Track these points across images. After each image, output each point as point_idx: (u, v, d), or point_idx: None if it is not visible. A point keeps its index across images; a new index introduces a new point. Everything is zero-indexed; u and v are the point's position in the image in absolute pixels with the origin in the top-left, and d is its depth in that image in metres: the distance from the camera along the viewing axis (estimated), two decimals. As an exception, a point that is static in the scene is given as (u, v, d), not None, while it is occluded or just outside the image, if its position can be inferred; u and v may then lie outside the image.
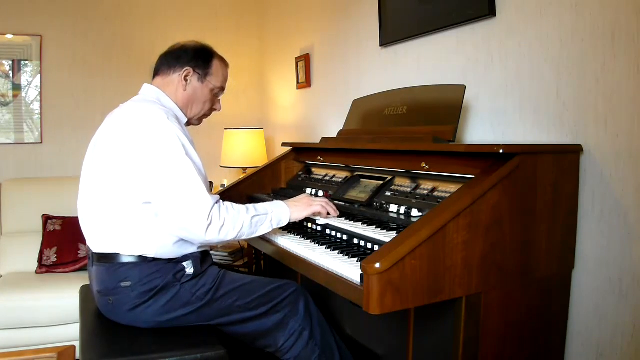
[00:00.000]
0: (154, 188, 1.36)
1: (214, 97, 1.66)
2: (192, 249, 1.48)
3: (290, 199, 1.60)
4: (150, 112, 1.42)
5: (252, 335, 1.53)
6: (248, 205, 1.47)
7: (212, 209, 1.35)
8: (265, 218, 1.47)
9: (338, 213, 1.63)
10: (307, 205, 1.57)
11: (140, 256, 1.41)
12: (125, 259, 1.41)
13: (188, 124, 1.65)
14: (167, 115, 1.42)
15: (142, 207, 1.39)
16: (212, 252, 1.60)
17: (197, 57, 1.58)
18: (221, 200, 1.42)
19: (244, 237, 1.45)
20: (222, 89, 1.67)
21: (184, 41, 1.62)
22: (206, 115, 1.68)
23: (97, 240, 1.45)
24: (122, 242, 1.41)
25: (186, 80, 1.57)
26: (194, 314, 1.45)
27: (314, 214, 1.59)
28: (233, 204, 1.44)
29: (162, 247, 1.42)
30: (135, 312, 1.41)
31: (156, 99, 1.54)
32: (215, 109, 1.70)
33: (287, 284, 1.57)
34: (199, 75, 1.58)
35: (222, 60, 1.66)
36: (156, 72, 1.61)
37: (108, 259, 1.42)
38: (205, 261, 1.52)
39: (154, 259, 1.42)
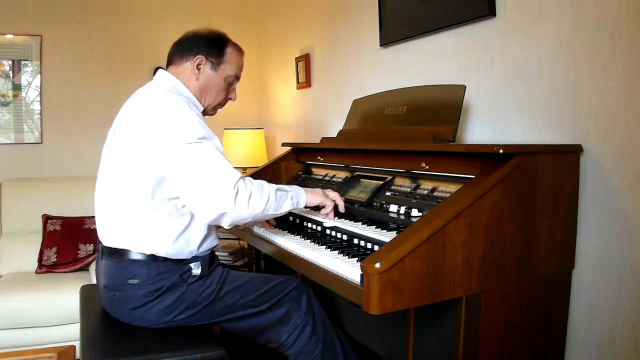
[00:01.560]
0: (176, 173, 1.33)
1: (229, 86, 1.62)
2: (202, 249, 1.47)
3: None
4: (170, 103, 1.39)
5: (255, 331, 1.53)
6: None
7: (238, 180, 1.34)
8: (286, 195, 1.46)
9: (344, 210, 1.63)
10: (322, 194, 1.56)
11: (150, 255, 1.41)
12: (135, 256, 1.41)
13: (204, 113, 1.62)
14: (188, 105, 1.39)
15: (157, 204, 1.38)
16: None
17: (210, 45, 1.54)
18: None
19: (269, 213, 1.41)
20: (237, 77, 1.62)
21: (197, 28, 1.58)
22: (221, 104, 1.64)
23: (109, 234, 1.45)
24: (133, 239, 1.40)
25: (199, 69, 1.53)
26: (198, 314, 1.45)
27: (323, 205, 1.57)
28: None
29: (174, 247, 1.42)
30: (139, 310, 1.41)
31: (172, 87, 1.51)
32: (230, 98, 1.65)
33: (289, 279, 1.57)
34: (212, 63, 1.54)
35: (237, 47, 1.61)
36: (169, 61, 1.57)
37: (118, 254, 1.42)
38: (212, 262, 1.52)
39: (165, 259, 1.42)
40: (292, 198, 1.47)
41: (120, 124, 1.45)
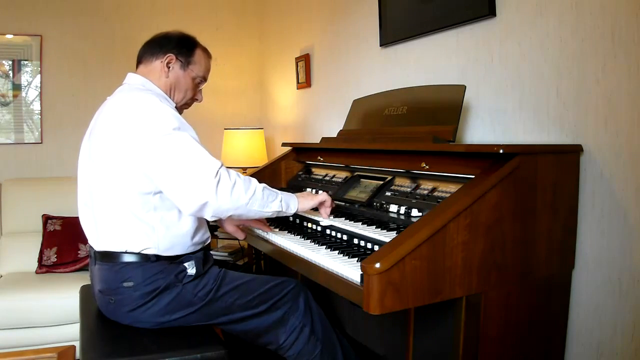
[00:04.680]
0: (156, 166, 1.33)
1: (196, 87, 1.64)
2: (194, 248, 1.47)
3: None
4: (141, 98, 1.41)
5: (253, 333, 1.53)
6: None
7: (219, 168, 1.33)
8: (276, 196, 1.44)
9: (334, 205, 1.63)
10: (313, 196, 1.57)
11: (143, 255, 1.40)
12: (127, 258, 1.40)
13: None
14: (159, 99, 1.42)
15: (142, 199, 1.38)
16: (212, 252, 1.59)
17: (181, 45, 1.57)
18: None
19: (254, 209, 1.38)
20: (204, 78, 1.65)
21: (168, 30, 1.62)
22: (187, 105, 1.66)
23: (97, 238, 1.45)
24: (123, 238, 1.40)
25: (169, 67, 1.55)
26: (195, 314, 1.45)
27: (321, 204, 1.58)
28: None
29: (165, 242, 1.41)
30: (136, 312, 1.41)
31: (141, 85, 1.53)
32: (196, 99, 1.67)
33: (287, 280, 1.57)
34: (182, 62, 1.56)
35: (205, 50, 1.65)
36: (139, 61, 1.60)
37: (110, 258, 1.42)
38: (207, 261, 1.52)
39: (157, 259, 1.41)
40: (282, 201, 1.45)
41: (95, 127, 1.47)
